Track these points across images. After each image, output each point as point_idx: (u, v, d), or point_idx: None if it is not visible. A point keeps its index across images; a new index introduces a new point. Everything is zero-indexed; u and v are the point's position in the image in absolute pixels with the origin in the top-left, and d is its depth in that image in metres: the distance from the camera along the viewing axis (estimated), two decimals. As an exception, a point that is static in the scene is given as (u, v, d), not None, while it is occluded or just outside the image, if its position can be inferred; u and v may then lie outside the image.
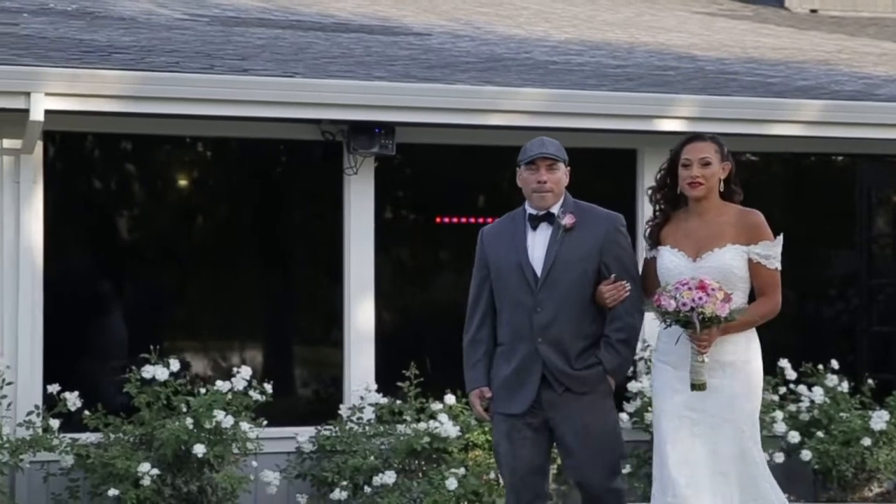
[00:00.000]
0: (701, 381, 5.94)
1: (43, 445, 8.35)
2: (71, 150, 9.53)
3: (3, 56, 9.07)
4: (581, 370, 6.15)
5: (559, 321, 6.15)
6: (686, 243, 6.14)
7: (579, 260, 6.15)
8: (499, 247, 6.30)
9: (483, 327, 6.31)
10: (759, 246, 6.11)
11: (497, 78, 10.19)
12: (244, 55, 10.09)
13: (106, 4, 11.77)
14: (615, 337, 6.19)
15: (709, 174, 6.13)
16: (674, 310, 5.85)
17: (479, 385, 6.29)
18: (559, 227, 6.19)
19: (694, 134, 6.37)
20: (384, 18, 12.72)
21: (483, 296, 6.32)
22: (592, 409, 6.16)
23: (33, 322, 8.83)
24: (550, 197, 6.21)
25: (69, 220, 9.37)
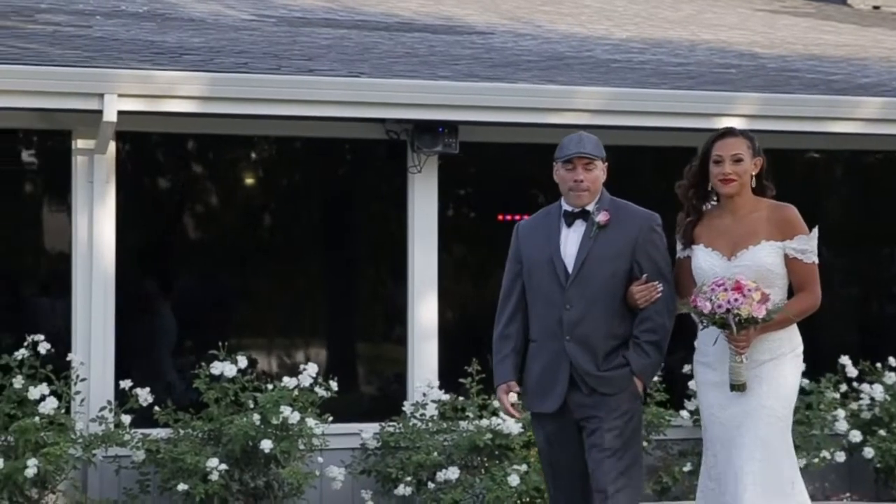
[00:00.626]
0: (740, 381, 5.81)
1: (115, 440, 8.38)
2: (142, 149, 9.58)
3: (77, 58, 9.14)
4: (607, 371, 5.96)
5: (588, 319, 5.96)
6: (720, 242, 5.95)
7: (612, 258, 5.96)
8: (533, 241, 6.12)
9: (513, 322, 6.13)
10: (794, 241, 5.92)
11: (559, 77, 10.13)
12: (310, 55, 10.09)
13: (176, 6, 11.81)
14: (644, 338, 5.98)
15: (741, 170, 5.93)
16: (709, 311, 5.71)
17: (505, 380, 6.11)
18: (593, 223, 6.01)
19: (725, 129, 6.12)
20: (447, 18, 12.68)
21: (515, 290, 6.15)
22: (616, 413, 5.94)
23: (105, 319, 8.87)
24: (587, 196, 6.02)
25: (140, 218, 9.42)
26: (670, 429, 9.52)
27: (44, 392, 8.28)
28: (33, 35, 9.90)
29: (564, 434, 6.04)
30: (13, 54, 9.02)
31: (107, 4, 11.52)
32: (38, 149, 9.52)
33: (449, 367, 9.30)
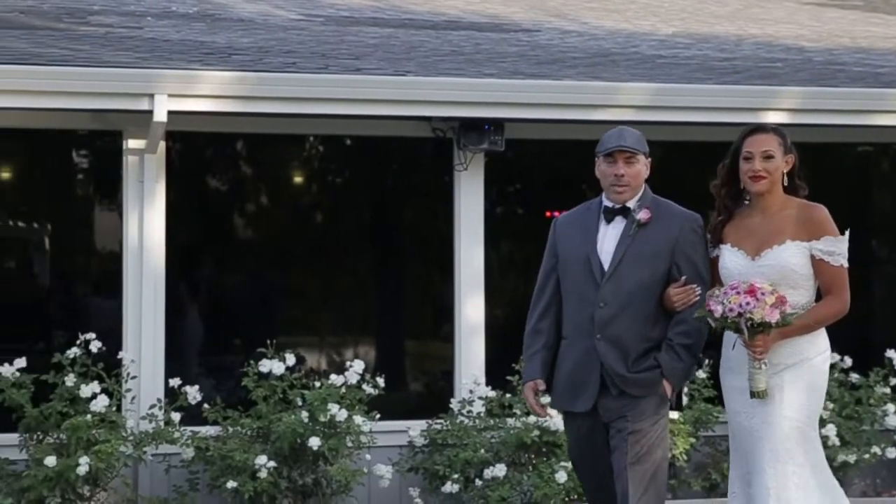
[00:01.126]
0: (760, 388, 5.55)
1: (165, 438, 8.37)
2: (192, 149, 9.57)
3: (127, 59, 9.15)
4: (637, 373, 5.73)
5: (621, 319, 5.74)
6: (747, 241, 5.71)
7: (650, 257, 5.75)
8: (570, 237, 5.92)
9: (545, 318, 5.93)
10: (821, 241, 5.65)
11: (604, 73, 10.03)
12: (357, 54, 10.04)
13: (225, 6, 11.79)
14: (678, 341, 5.74)
15: (771, 168, 5.68)
16: (721, 315, 5.48)
17: (532, 377, 5.92)
18: (633, 221, 5.80)
19: (755, 125, 5.90)
20: (494, 16, 12.60)
21: (549, 285, 5.95)
22: (642, 417, 5.73)
23: (155, 317, 8.86)
24: (628, 191, 5.82)
25: (190, 217, 9.43)
26: (718, 425, 9.38)
27: (95, 390, 8.28)
28: (85, 37, 9.93)
29: (593, 435, 5.86)
30: (66, 56, 9.04)
31: (157, 5, 11.53)
32: (89, 149, 9.56)
33: (496, 364, 9.22)
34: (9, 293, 9.31)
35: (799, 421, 5.58)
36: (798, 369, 5.61)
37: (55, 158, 9.44)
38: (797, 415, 5.58)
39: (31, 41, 9.51)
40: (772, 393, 5.56)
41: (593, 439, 5.86)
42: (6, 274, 9.53)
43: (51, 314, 9.37)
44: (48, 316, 9.36)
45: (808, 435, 5.63)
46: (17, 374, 8.28)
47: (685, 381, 6.04)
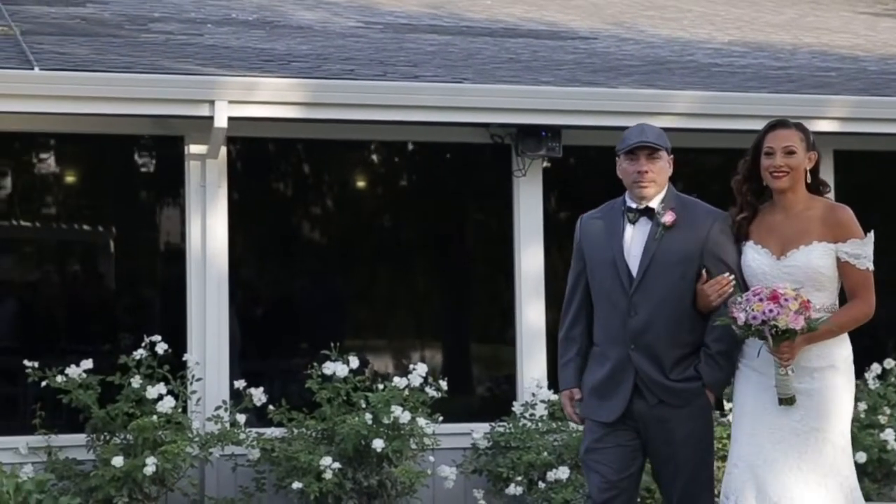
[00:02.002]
0: (788, 394, 5.42)
1: (230, 439, 8.53)
2: (252, 154, 9.77)
3: (188, 66, 9.36)
4: (678, 382, 5.61)
5: (654, 327, 5.61)
6: (770, 240, 5.60)
7: (679, 261, 5.61)
8: (595, 238, 5.80)
9: (577, 324, 5.85)
10: (847, 244, 5.54)
11: (659, 81, 10.23)
12: (415, 62, 10.25)
13: (285, 13, 12.00)
14: (715, 348, 5.61)
15: (794, 164, 5.58)
16: (744, 323, 5.34)
17: (568, 386, 5.85)
18: (659, 224, 5.66)
19: (777, 120, 5.76)
20: (551, 23, 12.77)
21: (578, 290, 5.85)
22: (687, 426, 5.62)
23: (219, 320, 9.04)
24: (653, 188, 5.68)
25: (251, 221, 9.63)
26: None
27: (161, 391, 8.44)
28: (146, 44, 10.16)
29: (620, 445, 5.70)
30: (128, 63, 9.27)
31: (217, 13, 11.74)
32: (152, 154, 9.76)
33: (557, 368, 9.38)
34: (75, 296, 9.55)
35: (828, 432, 5.49)
36: (828, 376, 5.50)
37: (119, 163, 9.65)
38: (826, 425, 5.49)
39: (93, 48, 9.75)
40: (800, 400, 5.44)
41: (621, 450, 5.71)
42: (73, 277, 9.75)
43: (116, 316, 9.57)
44: (114, 318, 9.55)
45: (843, 446, 5.54)
46: (84, 376, 8.46)
47: (726, 387, 5.85)
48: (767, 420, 5.48)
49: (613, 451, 5.70)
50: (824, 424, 5.47)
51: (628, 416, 5.67)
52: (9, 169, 9.59)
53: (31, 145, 9.55)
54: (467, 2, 13.37)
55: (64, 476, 8.43)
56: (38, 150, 9.61)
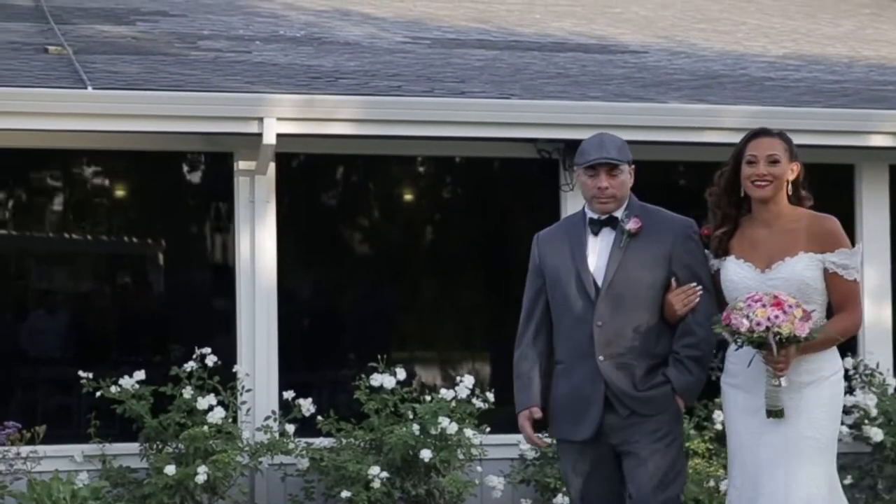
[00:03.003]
0: (778, 406, 5.47)
1: (280, 449, 9.00)
2: (301, 170, 10.28)
3: (237, 84, 9.91)
4: (647, 390, 5.67)
5: (623, 337, 5.65)
6: (754, 253, 5.63)
7: (645, 269, 5.66)
8: (555, 253, 5.82)
9: (536, 342, 5.88)
10: (835, 254, 5.59)
11: (710, 96, 10.62)
12: (463, 77, 10.73)
13: (332, 30, 12.50)
14: (685, 353, 5.67)
15: (777, 173, 5.61)
16: (747, 330, 5.34)
17: (527, 405, 5.85)
18: (623, 232, 5.71)
19: (759, 129, 5.80)
20: (601, 37, 13.16)
21: (537, 308, 5.89)
22: (658, 435, 5.68)
23: (269, 332, 9.55)
24: (612, 203, 5.75)
25: (299, 235, 10.11)
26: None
27: (211, 402, 8.95)
28: (196, 61, 10.72)
29: (598, 463, 5.78)
30: (178, 81, 9.84)
31: (266, 30, 12.25)
32: (202, 170, 10.29)
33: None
34: (127, 308, 10.15)
35: (819, 441, 5.55)
36: (817, 387, 5.58)
37: (170, 179, 10.16)
38: (817, 434, 5.55)
39: (144, 66, 10.32)
40: (789, 413, 5.51)
41: (600, 469, 5.79)
42: (124, 289, 10.31)
43: (167, 328, 10.11)
44: (165, 330, 10.10)
45: (829, 456, 5.63)
46: (136, 386, 8.99)
47: (696, 395, 5.89)
48: (764, 442, 5.57)
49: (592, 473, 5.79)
50: (814, 433, 5.53)
51: (601, 431, 5.71)
52: (63, 185, 10.25)
53: (85, 162, 10.15)
54: (516, 16, 13.81)
55: (118, 483, 9.00)
56: (91, 166, 10.23)
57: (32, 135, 9.32)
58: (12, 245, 10.10)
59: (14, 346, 10.02)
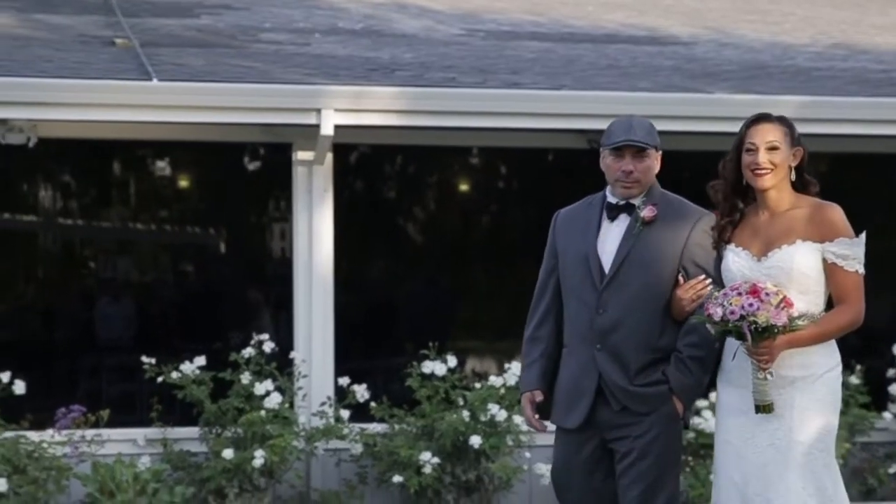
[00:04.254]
0: (766, 401, 4.97)
1: (335, 434, 8.92)
2: (357, 160, 10.19)
3: (297, 76, 9.77)
4: (642, 387, 5.20)
5: (623, 327, 5.20)
6: (752, 241, 5.16)
7: (655, 259, 5.20)
8: (569, 234, 5.42)
9: (544, 324, 5.46)
10: (835, 244, 5.08)
11: (757, 86, 10.40)
12: (516, 69, 10.56)
13: (390, 22, 12.38)
14: (688, 353, 5.17)
15: (777, 160, 5.13)
16: (721, 319, 4.88)
17: (530, 388, 5.44)
18: (637, 219, 5.26)
19: (759, 114, 5.31)
20: (652, 29, 12.99)
21: (548, 289, 5.46)
22: (652, 432, 5.20)
23: (325, 320, 9.41)
24: (636, 188, 5.30)
25: (355, 225, 10.03)
26: (875, 431, 9.71)
27: (269, 388, 8.86)
28: (257, 54, 10.61)
29: (584, 455, 5.33)
30: (239, 73, 9.71)
31: (325, 22, 12.14)
32: (261, 160, 10.25)
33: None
34: (188, 296, 10.09)
35: (813, 447, 5.05)
36: (810, 386, 5.07)
37: (230, 169, 10.14)
38: (809, 439, 5.05)
39: (207, 59, 10.21)
40: (781, 412, 5.03)
41: (586, 461, 5.35)
42: (186, 277, 10.29)
43: (226, 316, 10.07)
44: (224, 317, 10.06)
45: (826, 462, 5.10)
46: (197, 372, 8.92)
47: (697, 398, 5.46)
48: (754, 444, 5.08)
49: (580, 464, 5.35)
50: (806, 438, 5.04)
51: (592, 423, 5.29)
52: (127, 175, 10.17)
53: (148, 153, 10.09)
54: (570, 9, 13.64)
55: (178, 467, 8.91)
56: (154, 157, 10.15)
57: (99, 126, 9.25)
58: (79, 234, 10.02)
59: (81, 333, 9.94)
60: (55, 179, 10.01)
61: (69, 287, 10.08)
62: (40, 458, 8.50)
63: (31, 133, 9.06)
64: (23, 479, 8.39)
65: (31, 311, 10.03)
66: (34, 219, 9.97)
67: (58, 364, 9.85)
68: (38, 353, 9.74)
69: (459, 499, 8.95)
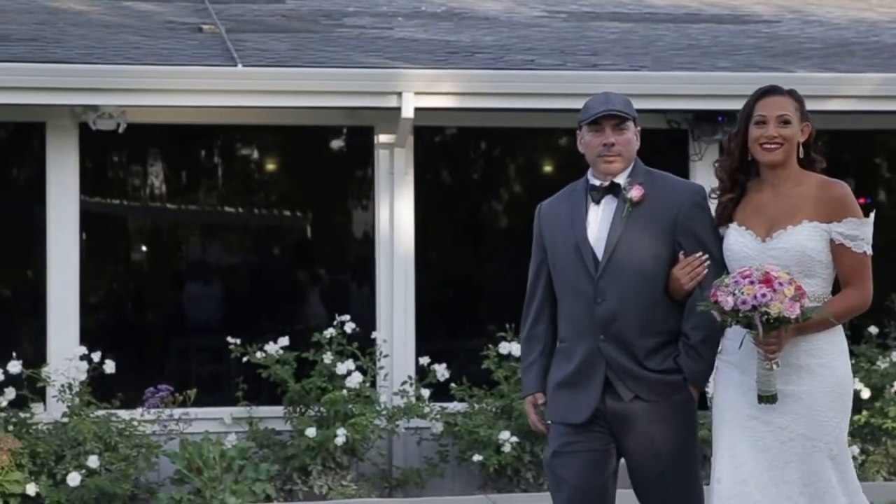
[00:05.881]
0: (769, 392, 4.71)
1: (416, 413, 9.02)
2: (438, 142, 10.24)
3: (378, 59, 9.86)
4: (655, 373, 4.91)
5: (624, 314, 4.92)
6: (756, 220, 4.89)
7: (649, 240, 4.94)
8: (556, 224, 5.13)
9: (540, 322, 5.17)
10: (842, 224, 4.81)
11: (839, 64, 10.32)
12: (595, 50, 10.57)
13: (472, 4, 12.40)
14: (695, 337, 4.90)
15: (788, 135, 4.86)
16: (732, 308, 4.61)
17: (532, 391, 5.15)
18: (625, 201, 4.97)
19: (769, 86, 5.04)
20: (734, 7, 12.89)
21: (540, 284, 5.18)
22: (666, 423, 4.91)
23: (406, 300, 9.52)
24: (619, 162, 5.02)
25: (436, 206, 10.08)
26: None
27: (350, 367, 8.99)
28: (340, 38, 10.71)
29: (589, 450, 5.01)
30: (322, 58, 9.82)
31: (408, 6, 12.21)
32: (344, 143, 10.30)
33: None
34: (273, 277, 10.20)
35: (818, 440, 4.78)
36: (818, 375, 4.80)
37: (314, 152, 10.23)
38: (815, 433, 4.78)
39: (291, 44, 10.33)
40: (786, 402, 4.76)
41: (591, 456, 5.03)
42: (273, 259, 10.39)
43: (309, 297, 10.17)
44: (307, 298, 10.16)
45: (838, 457, 4.83)
46: (280, 352, 9.06)
47: (708, 379, 5.09)
48: (749, 427, 4.79)
49: (584, 457, 5.03)
50: (813, 432, 4.77)
51: (600, 416, 4.97)
52: (213, 159, 10.31)
53: (234, 137, 10.21)
54: (652, -12, 13.61)
55: (263, 445, 9.06)
56: (240, 141, 10.27)
57: (187, 111, 9.38)
58: (167, 218, 10.18)
59: (169, 315, 10.11)
60: (144, 164, 10.16)
61: (158, 269, 10.24)
62: (131, 436, 8.70)
63: (120, 119, 9.22)
64: (114, 457, 8.58)
65: (122, 294, 10.20)
66: (124, 203, 10.13)
67: (147, 344, 10.03)
68: (129, 333, 9.92)
69: (538, 477, 8.99)
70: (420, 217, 9.65)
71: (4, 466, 8.34)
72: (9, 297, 9.89)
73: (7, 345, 9.17)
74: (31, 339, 9.41)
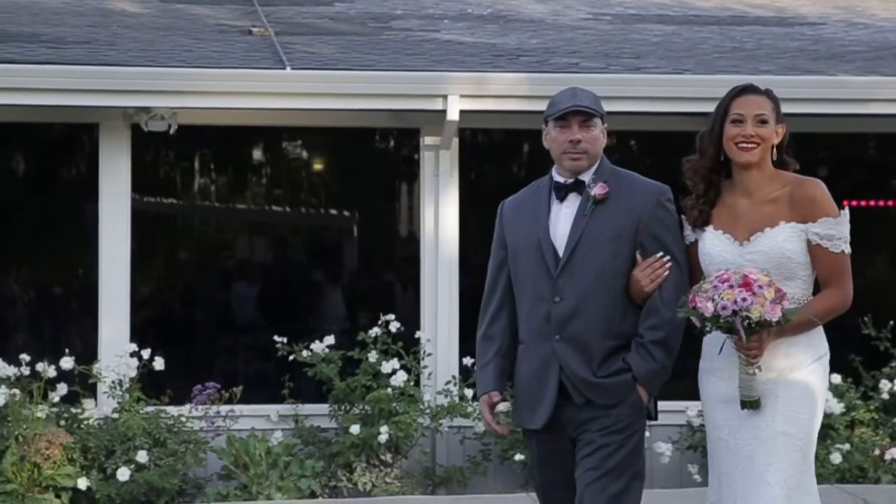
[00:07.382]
0: (752, 397, 4.64)
1: (459, 412, 9.08)
2: (482, 145, 10.31)
3: (425, 62, 9.96)
4: (605, 377, 4.81)
5: (582, 314, 4.80)
6: (733, 224, 4.79)
7: (610, 238, 4.82)
8: (518, 222, 5.04)
9: (497, 321, 5.03)
10: (818, 224, 4.71)
11: (883, 67, 10.29)
12: (639, 53, 10.59)
13: (518, 7, 12.45)
14: (649, 337, 4.79)
15: (765, 134, 4.77)
16: (712, 314, 4.52)
17: (486, 390, 5.01)
18: (588, 198, 4.87)
19: (745, 85, 4.94)
20: (780, 9, 12.86)
21: (499, 283, 5.06)
22: (614, 428, 4.81)
23: (450, 301, 9.57)
24: (585, 159, 4.91)
25: (481, 208, 10.13)
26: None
27: (395, 366, 9.07)
28: (387, 41, 10.80)
29: (557, 453, 4.95)
30: (370, 61, 9.92)
31: (454, 8, 12.27)
32: (391, 145, 10.40)
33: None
34: (319, 277, 10.32)
35: (797, 438, 4.72)
36: (798, 375, 4.74)
37: (361, 154, 10.32)
38: (794, 430, 4.71)
39: (338, 47, 10.45)
40: (765, 403, 4.70)
41: (556, 460, 4.97)
42: (321, 258, 10.49)
43: (355, 296, 10.28)
44: (353, 298, 10.27)
45: (806, 455, 4.77)
46: (326, 351, 9.16)
47: (661, 384, 4.98)
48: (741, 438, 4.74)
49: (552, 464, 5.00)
50: (791, 428, 4.70)
51: (557, 423, 4.90)
52: (262, 160, 10.44)
53: (282, 138, 10.34)
54: (697, -10, 13.61)
55: (309, 442, 9.16)
56: (288, 142, 10.40)
57: (236, 113, 9.50)
58: (217, 217, 10.31)
59: (217, 313, 10.24)
60: (194, 165, 10.30)
61: (207, 268, 10.38)
62: (179, 432, 8.83)
63: (171, 120, 9.36)
64: (163, 452, 8.72)
65: (171, 292, 10.35)
66: (174, 202, 10.28)
67: (196, 342, 10.17)
68: (178, 331, 10.07)
69: (579, 476, 9.04)
70: (464, 218, 9.71)
71: (56, 461, 8.51)
72: (61, 294, 10.06)
73: (59, 341, 9.35)
74: (83, 336, 9.58)
